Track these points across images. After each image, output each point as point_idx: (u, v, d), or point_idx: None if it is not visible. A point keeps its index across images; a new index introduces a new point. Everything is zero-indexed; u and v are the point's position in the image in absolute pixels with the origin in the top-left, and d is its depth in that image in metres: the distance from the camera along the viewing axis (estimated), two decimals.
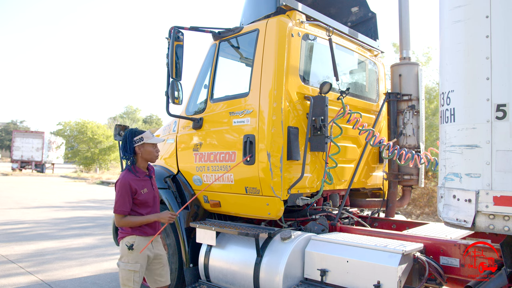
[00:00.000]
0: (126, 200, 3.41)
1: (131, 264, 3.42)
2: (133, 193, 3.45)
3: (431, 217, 10.66)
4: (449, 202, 2.83)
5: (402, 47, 4.86)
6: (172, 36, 4.13)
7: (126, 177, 3.46)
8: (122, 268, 3.44)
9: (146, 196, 3.52)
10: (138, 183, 3.49)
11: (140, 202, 3.49)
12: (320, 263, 3.54)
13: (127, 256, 3.42)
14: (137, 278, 3.44)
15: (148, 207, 3.56)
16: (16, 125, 70.70)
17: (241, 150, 4.02)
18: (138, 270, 3.43)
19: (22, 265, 6.60)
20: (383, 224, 4.71)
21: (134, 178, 3.49)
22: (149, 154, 3.56)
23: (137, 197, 3.47)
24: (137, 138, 3.50)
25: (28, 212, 12.57)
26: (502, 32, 2.56)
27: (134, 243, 3.42)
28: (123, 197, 3.40)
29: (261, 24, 4.12)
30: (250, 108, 4.03)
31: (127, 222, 3.44)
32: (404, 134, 4.69)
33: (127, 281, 3.43)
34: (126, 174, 3.49)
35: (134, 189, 3.44)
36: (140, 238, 3.47)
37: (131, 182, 3.44)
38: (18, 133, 36.25)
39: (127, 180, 3.43)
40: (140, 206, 3.51)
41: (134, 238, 3.45)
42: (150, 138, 3.53)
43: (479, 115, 2.62)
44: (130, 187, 3.42)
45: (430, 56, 14.04)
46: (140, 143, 3.50)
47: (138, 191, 3.47)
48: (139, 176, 3.53)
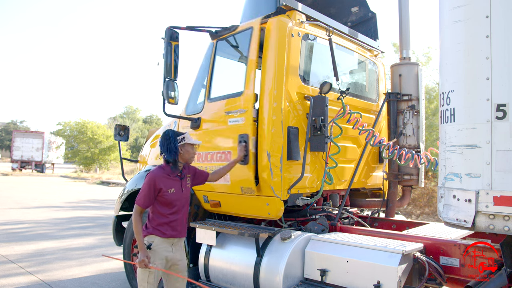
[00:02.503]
0: (147, 195, 3.38)
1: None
2: (157, 190, 3.41)
3: (431, 217, 10.66)
4: (449, 202, 2.83)
5: (402, 47, 4.86)
6: (167, 36, 4.13)
7: (156, 173, 3.45)
8: (139, 268, 3.39)
9: (172, 197, 3.46)
10: (166, 182, 3.45)
11: (165, 201, 3.44)
12: (320, 263, 3.54)
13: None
14: (152, 279, 3.38)
15: (173, 207, 3.48)
16: (16, 125, 70.70)
17: (236, 149, 4.02)
18: (153, 271, 3.38)
19: (22, 265, 6.60)
20: (383, 224, 4.71)
21: (163, 175, 3.46)
22: (189, 154, 3.59)
23: (163, 195, 3.42)
24: (180, 137, 3.54)
25: (28, 212, 12.57)
26: (502, 32, 2.56)
27: (153, 243, 3.39)
28: (145, 191, 3.39)
29: (255, 22, 4.10)
30: (245, 107, 4.03)
31: (135, 223, 3.36)
32: (404, 134, 4.69)
33: (141, 281, 3.39)
34: (158, 170, 3.49)
35: (158, 187, 3.40)
36: (159, 239, 3.43)
37: (158, 179, 3.41)
38: (18, 133, 36.25)
39: (155, 177, 3.42)
40: (164, 205, 3.45)
41: (153, 238, 3.42)
42: (190, 139, 3.59)
43: (479, 115, 2.62)
44: (155, 184, 3.40)
45: (430, 56, 14.05)
46: (182, 143, 3.54)
47: (164, 189, 3.42)
48: (170, 175, 3.50)
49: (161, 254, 3.42)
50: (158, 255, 3.40)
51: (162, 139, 3.56)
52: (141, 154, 6.11)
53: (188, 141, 3.55)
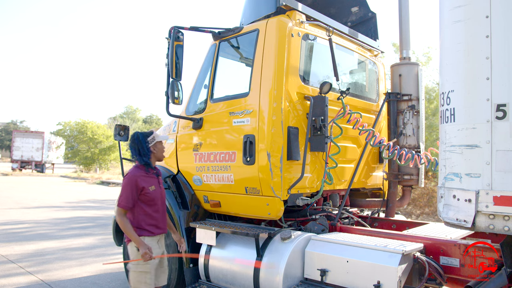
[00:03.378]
0: (130, 197, 3.41)
1: (142, 265, 3.40)
2: (140, 190, 3.45)
3: (431, 217, 10.66)
4: (449, 202, 2.83)
5: (402, 47, 4.86)
6: (172, 36, 4.13)
7: (135, 173, 3.48)
8: (133, 271, 3.41)
9: (153, 193, 3.54)
10: (146, 180, 3.51)
11: (149, 199, 3.50)
12: (320, 263, 3.54)
13: (137, 257, 3.39)
14: (149, 279, 3.42)
15: (156, 204, 3.56)
16: (16, 125, 70.70)
17: (241, 150, 4.02)
18: (149, 270, 3.41)
19: (22, 265, 6.60)
20: (383, 224, 4.71)
21: (142, 174, 3.51)
22: (161, 151, 3.68)
23: (145, 194, 3.47)
24: (150, 138, 3.57)
25: (28, 212, 12.57)
26: (502, 32, 2.56)
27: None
28: (127, 193, 3.41)
29: (261, 24, 4.12)
30: (250, 108, 4.03)
31: (123, 224, 3.39)
32: (404, 134, 4.69)
33: (138, 284, 3.40)
34: (135, 170, 3.52)
35: (141, 186, 3.45)
36: (148, 239, 3.47)
37: (139, 179, 3.46)
38: (18, 133, 36.24)
39: (135, 177, 3.45)
40: (148, 204, 3.51)
41: (143, 239, 3.44)
42: (159, 136, 3.65)
43: (479, 115, 2.62)
44: (137, 184, 3.44)
45: (430, 56, 14.04)
46: (154, 143, 3.58)
47: (146, 188, 3.48)
48: (148, 173, 3.55)
49: (155, 253, 3.47)
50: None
51: (131, 143, 3.59)
52: None
53: (158, 139, 3.61)
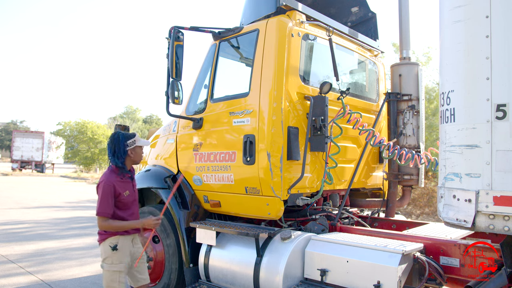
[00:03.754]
0: (110, 203, 3.39)
1: (116, 264, 3.42)
2: (117, 195, 3.43)
3: (431, 217, 10.66)
4: (449, 202, 2.83)
5: (402, 47, 4.86)
6: (172, 36, 4.13)
7: (111, 179, 3.44)
8: (107, 270, 3.43)
9: (127, 199, 3.53)
10: (121, 185, 3.49)
11: (123, 204, 3.49)
12: (320, 263, 3.54)
13: (111, 257, 3.42)
14: (122, 278, 3.45)
15: (129, 209, 3.57)
16: (16, 125, 70.69)
17: (241, 150, 4.02)
18: (123, 270, 3.44)
19: (22, 265, 6.60)
20: (383, 224, 4.71)
21: (118, 180, 3.47)
22: (139, 156, 3.64)
23: (120, 199, 3.46)
24: (130, 141, 3.53)
25: (28, 212, 12.57)
26: (502, 32, 2.56)
27: (118, 244, 3.42)
28: (106, 199, 3.38)
29: (261, 24, 4.12)
30: (250, 108, 4.03)
31: (111, 226, 3.40)
32: (404, 134, 4.69)
33: (111, 282, 3.42)
34: (110, 175, 3.47)
35: (118, 192, 3.43)
36: (123, 238, 3.48)
37: (116, 184, 3.43)
38: (18, 133, 36.24)
39: (111, 182, 3.42)
40: (122, 208, 3.50)
41: (117, 238, 3.45)
42: (140, 140, 3.61)
43: (479, 115, 2.62)
44: (114, 189, 3.41)
45: (430, 56, 14.05)
46: (133, 146, 3.55)
47: (122, 193, 3.47)
48: (123, 178, 3.53)
49: (126, 251, 3.49)
50: (124, 253, 3.46)
51: (109, 142, 3.56)
52: None
53: (138, 144, 3.57)
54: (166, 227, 4.59)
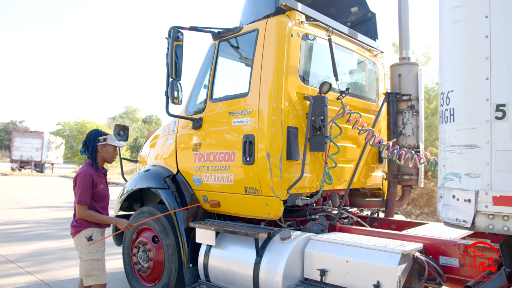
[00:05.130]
0: (89, 192, 3.70)
1: (93, 253, 3.73)
2: (94, 186, 3.74)
3: (430, 217, 10.66)
4: (448, 202, 2.83)
5: (401, 47, 4.86)
6: (171, 36, 4.13)
7: (89, 170, 3.76)
8: (85, 260, 3.71)
9: (103, 191, 3.87)
10: (97, 178, 3.83)
11: (98, 196, 3.82)
12: (319, 263, 3.54)
13: (87, 247, 3.71)
14: (101, 265, 3.75)
15: (102, 202, 3.89)
16: (15, 125, 70.60)
17: (240, 150, 4.02)
18: (100, 258, 3.74)
19: (21, 265, 6.60)
20: (383, 224, 4.71)
21: (94, 172, 3.79)
22: (109, 154, 3.93)
23: (96, 191, 3.79)
24: (101, 138, 3.85)
25: (27, 212, 12.57)
26: (501, 32, 2.56)
27: (93, 235, 3.73)
28: (86, 189, 3.69)
29: (261, 24, 4.12)
30: (250, 108, 4.03)
31: (89, 216, 3.70)
32: (403, 134, 4.69)
33: (91, 271, 3.71)
34: (87, 168, 3.79)
35: (95, 183, 3.75)
36: (97, 230, 3.80)
37: (93, 175, 3.76)
38: (17, 133, 36.20)
39: (89, 173, 3.76)
40: (97, 200, 3.82)
41: (92, 230, 3.76)
42: (113, 140, 3.90)
43: (479, 115, 2.62)
44: (92, 180, 3.76)
45: (429, 56, 14.06)
46: (103, 143, 3.85)
47: (98, 185, 3.81)
48: (97, 172, 3.86)
49: (102, 242, 3.84)
50: (99, 243, 3.79)
51: (85, 137, 3.91)
52: (141, 154, 6.11)
53: (110, 142, 3.90)
54: (165, 227, 4.58)
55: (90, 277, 3.72)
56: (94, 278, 3.72)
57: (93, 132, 3.92)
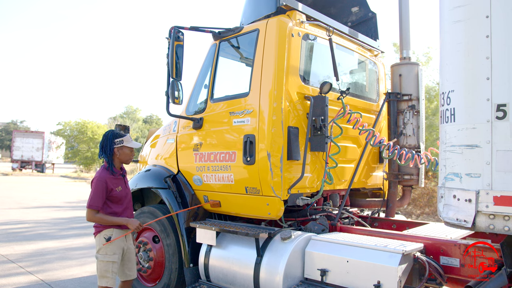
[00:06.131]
0: (100, 197, 3.66)
1: (109, 255, 3.68)
2: (109, 191, 3.70)
3: (431, 217, 10.66)
4: (449, 202, 2.83)
5: (402, 47, 4.86)
6: (172, 36, 4.13)
7: (103, 175, 3.72)
8: (101, 260, 3.68)
9: (120, 194, 3.81)
10: (113, 181, 3.78)
11: (115, 198, 3.77)
12: (320, 263, 3.54)
13: (105, 248, 3.68)
14: (115, 269, 3.70)
15: (122, 204, 3.84)
16: (16, 125, 70.64)
17: (241, 150, 4.03)
18: (116, 260, 3.69)
19: (22, 265, 6.60)
20: (383, 224, 4.71)
21: (110, 176, 3.75)
22: (126, 156, 3.88)
23: (113, 194, 3.75)
24: (118, 140, 3.78)
25: (28, 212, 12.57)
26: (502, 32, 2.56)
27: (112, 236, 3.69)
28: (98, 194, 3.65)
29: (261, 24, 4.12)
30: (250, 108, 4.03)
31: (98, 219, 3.68)
32: (404, 134, 4.69)
33: (105, 272, 3.66)
34: (102, 172, 3.75)
35: (110, 188, 3.70)
36: (117, 231, 3.74)
37: (108, 180, 3.71)
38: (18, 133, 36.23)
39: (104, 178, 3.70)
40: (115, 202, 3.79)
41: (111, 231, 3.72)
42: (129, 142, 3.84)
43: (479, 115, 2.62)
44: (106, 185, 3.70)
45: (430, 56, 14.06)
46: (120, 145, 3.79)
47: (114, 189, 3.75)
48: (114, 174, 3.78)
49: (120, 245, 3.76)
50: (117, 245, 3.73)
51: (102, 139, 3.84)
52: (141, 154, 6.11)
53: (126, 144, 3.79)
54: (166, 227, 4.59)
55: (103, 279, 3.66)
56: (107, 280, 3.65)
57: (109, 133, 3.83)
